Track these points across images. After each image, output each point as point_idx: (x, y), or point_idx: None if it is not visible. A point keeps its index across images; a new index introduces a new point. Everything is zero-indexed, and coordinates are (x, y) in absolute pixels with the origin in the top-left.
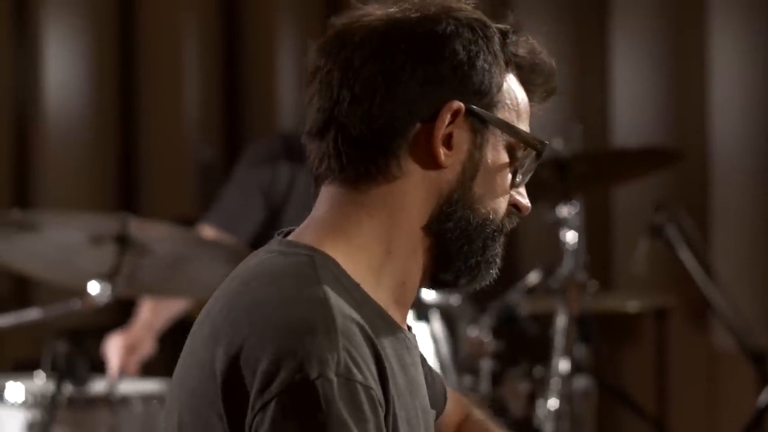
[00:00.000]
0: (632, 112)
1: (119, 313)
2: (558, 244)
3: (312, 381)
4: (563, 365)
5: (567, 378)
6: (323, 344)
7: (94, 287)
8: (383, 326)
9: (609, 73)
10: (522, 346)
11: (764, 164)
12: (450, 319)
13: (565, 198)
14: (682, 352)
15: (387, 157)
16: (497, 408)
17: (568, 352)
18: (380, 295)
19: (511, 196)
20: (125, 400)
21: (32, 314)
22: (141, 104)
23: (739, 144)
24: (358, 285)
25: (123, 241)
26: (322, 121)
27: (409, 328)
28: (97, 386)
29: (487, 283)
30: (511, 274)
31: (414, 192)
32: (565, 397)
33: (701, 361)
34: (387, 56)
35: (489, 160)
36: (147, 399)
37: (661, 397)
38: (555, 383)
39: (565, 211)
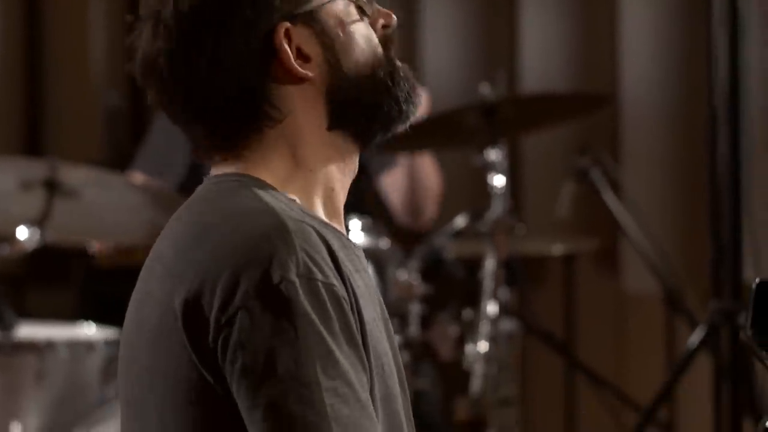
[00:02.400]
0: (541, 57)
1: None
2: (485, 188)
3: (276, 285)
4: (492, 308)
5: (495, 321)
6: (280, 248)
7: (22, 232)
8: (330, 233)
9: (517, 19)
10: (450, 289)
11: (674, 109)
12: (378, 263)
13: (492, 142)
14: (593, 295)
15: (259, 98)
16: (426, 351)
17: (496, 296)
18: (315, 206)
19: (375, 28)
20: (51, 345)
21: None
22: (47, 50)
23: (649, 89)
24: (293, 200)
25: (52, 185)
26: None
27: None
28: (24, 332)
29: (410, 117)
30: (438, 217)
31: (303, 112)
32: (494, 340)
33: (612, 303)
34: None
35: (339, 35)
36: (73, 344)
37: (573, 339)
38: (484, 326)
39: (492, 155)
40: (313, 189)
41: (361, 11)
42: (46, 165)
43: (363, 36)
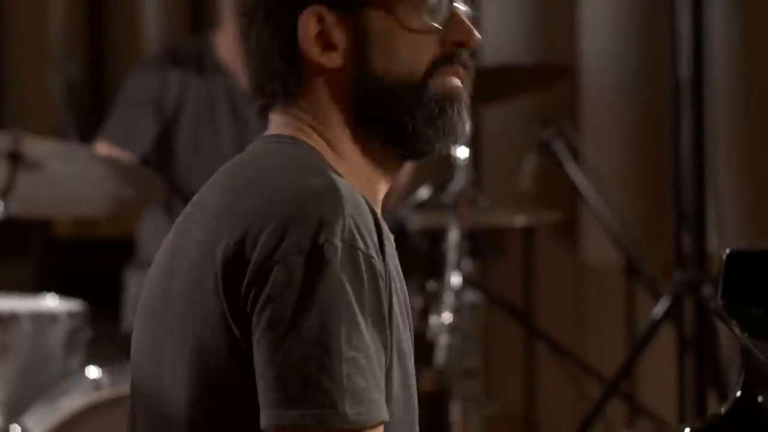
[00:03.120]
0: (501, 29)
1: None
2: (448, 160)
3: (319, 246)
4: (455, 280)
5: (459, 292)
6: (329, 210)
7: None
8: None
9: None
10: (414, 261)
11: (635, 80)
12: None
13: None
14: (554, 266)
15: (292, 80)
16: None
17: (459, 267)
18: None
19: (444, 44)
20: (14, 317)
21: None
22: (6, 22)
23: (610, 59)
24: (341, 175)
25: (15, 158)
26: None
27: None
28: None
29: (459, 139)
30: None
31: (329, 100)
32: (457, 311)
33: (573, 274)
34: None
35: (381, 35)
36: (36, 316)
37: (533, 310)
38: (447, 297)
39: None
40: (352, 175)
41: (431, 20)
42: (9, 137)
43: (409, 47)
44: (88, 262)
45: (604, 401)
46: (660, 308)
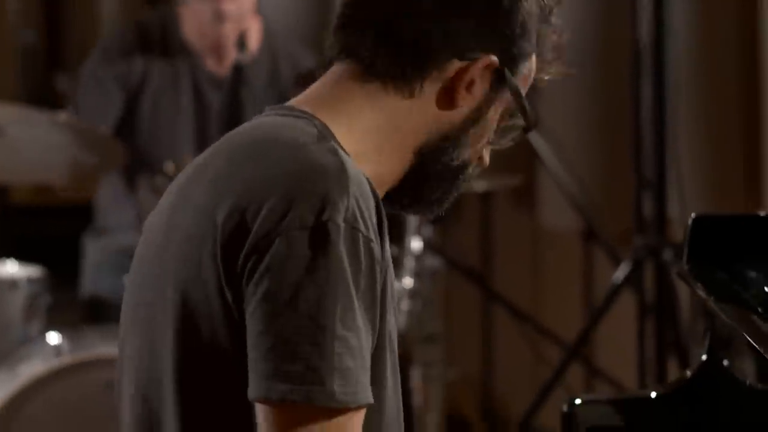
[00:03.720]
0: None
1: None
2: None
3: (323, 223)
4: (416, 244)
5: (419, 257)
6: (335, 188)
7: None
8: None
9: None
10: None
11: (594, 42)
12: None
13: None
14: (511, 230)
15: (417, 73)
16: None
17: (419, 232)
18: None
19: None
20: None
21: None
22: None
23: (568, 20)
24: (349, 156)
25: None
26: (374, 10)
27: None
28: None
29: (419, 212)
30: None
31: (420, 115)
32: (418, 276)
33: (530, 239)
34: None
35: (489, 115)
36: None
37: (491, 274)
38: (408, 262)
39: None
40: (370, 170)
41: (503, 126)
42: None
43: (488, 138)
44: (46, 228)
45: (565, 366)
46: (620, 273)
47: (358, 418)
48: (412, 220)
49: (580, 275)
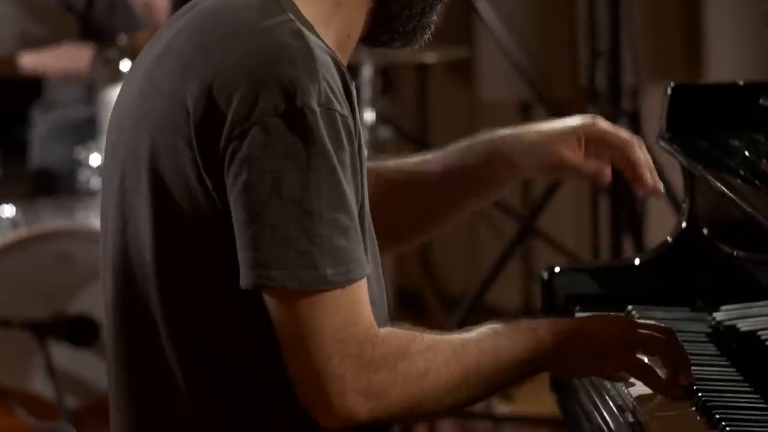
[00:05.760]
0: None
1: None
2: None
3: (298, 108)
4: (369, 116)
5: (373, 129)
6: (304, 74)
7: None
8: (343, 68)
9: None
10: None
11: None
12: None
13: None
14: (448, 102)
15: None
16: None
17: (373, 104)
18: (328, 42)
19: None
20: None
21: None
22: None
23: None
24: (313, 26)
25: None
26: None
27: None
28: None
29: (418, 46)
30: None
31: None
32: (372, 148)
33: (467, 111)
34: None
35: None
36: None
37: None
38: (363, 135)
39: None
40: (336, 25)
41: None
42: None
43: None
44: None
45: (521, 240)
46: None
47: (354, 292)
48: (365, 93)
49: None
